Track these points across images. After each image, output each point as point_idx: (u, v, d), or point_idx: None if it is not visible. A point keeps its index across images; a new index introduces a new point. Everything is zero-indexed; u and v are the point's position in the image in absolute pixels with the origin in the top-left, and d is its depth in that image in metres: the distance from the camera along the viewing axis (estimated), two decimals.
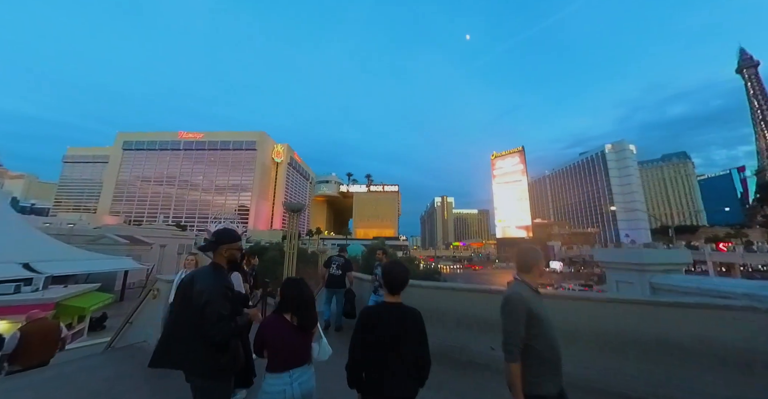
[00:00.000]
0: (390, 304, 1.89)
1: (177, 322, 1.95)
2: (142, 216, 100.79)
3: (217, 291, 1.87)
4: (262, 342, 1.94)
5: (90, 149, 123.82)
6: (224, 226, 2.38)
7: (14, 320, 10.64)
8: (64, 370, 3.90)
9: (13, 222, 19.55)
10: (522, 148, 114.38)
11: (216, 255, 2.05)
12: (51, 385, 3.41)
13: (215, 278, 1.96)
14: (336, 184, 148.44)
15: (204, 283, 1.89)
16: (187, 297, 1.90)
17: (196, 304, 1.82)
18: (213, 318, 1.78)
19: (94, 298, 13.72)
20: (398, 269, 1.93)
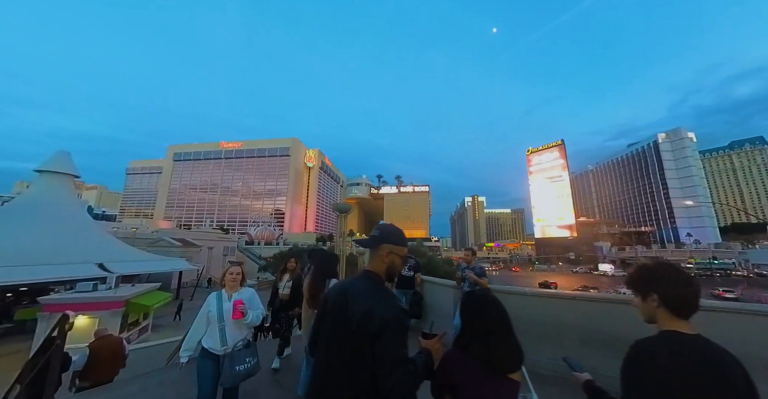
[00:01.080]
0: (691, 338, 1.02)
1: (330, 356, 1.29)
2: (191, 220, 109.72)
3: (392, 318, 1.21)
4: (450, 386, 1.26)
5: (147, 161, 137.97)
6: (262, 229, 2.13)
7: (93, 316, 11.71)
8: (149, 382, 3.81)
9: (90, 227, 22.05)
10: (561, 142, 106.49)
11: (374, 257, 1.42)
12: None
13: (384, 297, 1.30)
14: (367, 186, 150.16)
15: (369, 304, 1.24)
16: (339, 320, 1.28)
17: (356, 334, 1.20)
18: (390, 361, 1.16)
19: (157, 296, 14.83)
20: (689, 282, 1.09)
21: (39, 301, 11.79)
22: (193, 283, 28.54)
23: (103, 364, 4.24)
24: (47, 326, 11.23)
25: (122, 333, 12.49)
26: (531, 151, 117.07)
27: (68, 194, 22.12)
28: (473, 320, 1.34)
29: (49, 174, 20.78)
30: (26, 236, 17.03)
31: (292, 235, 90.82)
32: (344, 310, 1.27)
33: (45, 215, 19.00)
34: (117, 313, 12.07)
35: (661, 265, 1.17)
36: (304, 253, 24.98)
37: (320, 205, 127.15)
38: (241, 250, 46.62)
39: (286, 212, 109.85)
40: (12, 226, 17.46)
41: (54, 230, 18.39)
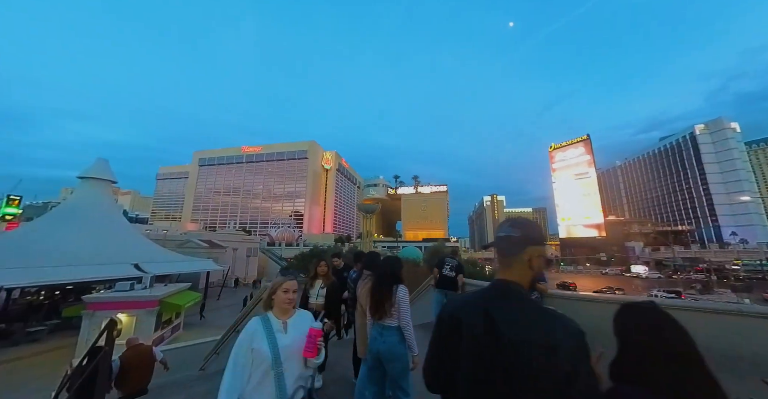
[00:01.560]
0: None
1: None
2: (216, 223, 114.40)
3: (583, 348, 0.88)
4: None
5: (175, 167, 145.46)
6: (283, 230, 1.83)
7: (131, 314, 12.28)
8: (194, 390, 3.81)
9: (126, 229, 23.39)
10: (587, 137, 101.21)
11: (513, 263, 1.05)
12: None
13: (558, 320, 0.92)
14: (384, 187, 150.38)
15: (542, 333, 0.88)
16: (488, 354, 0.92)
17: (534, 374, 0.84)
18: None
19: (187, 296, 15.42)
20: None
21: (83, 299, 12.52)
22: (220, 283, 29.54)
23: (135, 374, 4.19)
24: (90, 323, 11.92)
25: (157, 331, 13.05)
26: (554, 147, 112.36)
27: (107, 199, 23.57)
28: (649, 342, 0.95)
29: (90, 180, 22.25)
30: (70, 238, 18.29)
31: (311, 236, 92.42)
32: (493, 341, 0.90)
33: (87, 219, 20.35)
34: (152, 311, 12.61)
35: None
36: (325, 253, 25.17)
37: (338, 207, 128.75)
38: (264, 251, 47.90)
39: (304, 214, 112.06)
40: (58, 230, 18.82)
41: (95, 232, 19.65)
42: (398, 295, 2.46)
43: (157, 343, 13.01)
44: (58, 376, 10.44)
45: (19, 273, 13.95)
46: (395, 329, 2.42)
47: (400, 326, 2.44)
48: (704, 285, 40.16)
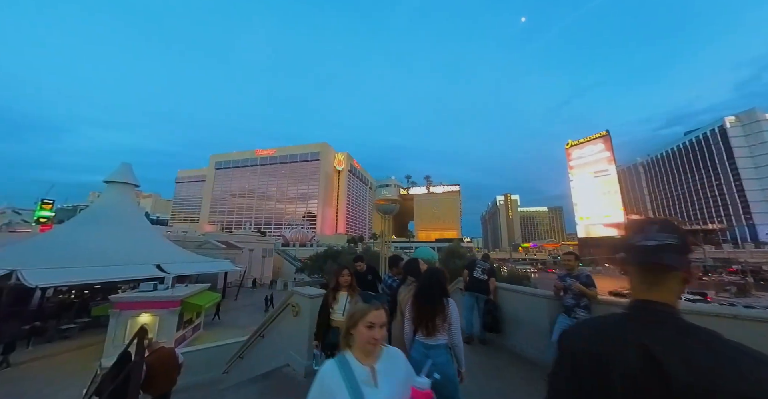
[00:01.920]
0: None
1: None
2: (232, 224, 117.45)
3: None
4: None
5: (193, 171, 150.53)
6: (296, 231, 1.66)
7: (154, 314, 12.65)
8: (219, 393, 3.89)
9: (149, 231, 24.26)
10: (606, 133, 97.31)
11: (668, 281, 0.80)
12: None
13: (752, 359, 0.63)
14: (396, 187, 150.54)
15: (731, 375, 0.60)
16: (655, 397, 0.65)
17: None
18: None
19: (208, 296, 15.79)
20: None
21: (110, 299, 13.00)
22: (237, 284, 30.17)
23: (160, 377, 4.21)
24: (117, 322, 12.36)
25: (179, 330, 13.38)
26: (571, 144, 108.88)
27: (131, 202, 24.53)
28: None
29: (115, 184, 23.22)
30: (97, 240, 19.11)
31: (324, 237, 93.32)
32: (662, 387, 0.65)
33: (112, 221, 21.23)
34: (174, 311, 12.94)
35: None
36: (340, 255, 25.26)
37: (350, 207, 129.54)
38: (279, 252, 48.68)
39: (317, 215, 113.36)
40: (87, 232, 19.71)
41: (119, 234, 20.48)
42: (450, 309, 2.22)
43: (179, 343, 13.37)
44: (87, 374, 10.85)
45: (52, 273, 14.68)
46: (443, 347, 2.17)
47: (451, 344, 2.21)
48: (740, 287, 37.74)
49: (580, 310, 3.34)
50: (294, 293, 4.03)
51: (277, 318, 4.47)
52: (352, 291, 3.12)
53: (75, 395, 8.86)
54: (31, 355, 12.65)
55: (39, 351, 13.20)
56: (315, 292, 3.69)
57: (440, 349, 2.14)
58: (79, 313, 17.19)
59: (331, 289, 3.21)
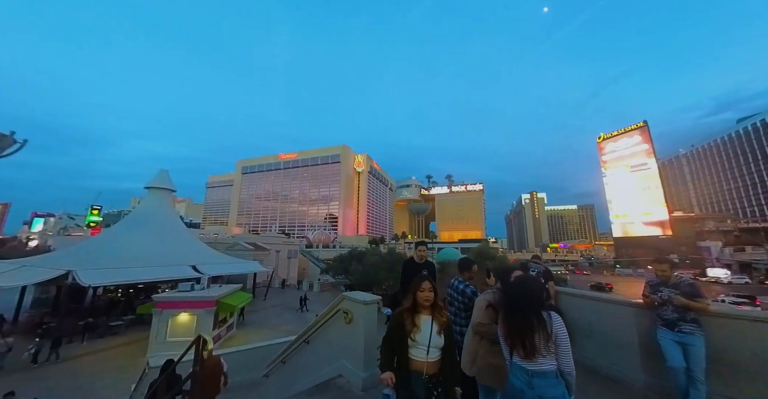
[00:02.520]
0: None
1: None
2: (258, 226, 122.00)
3: None
4: None
5: (222, 176, 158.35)
6: (319, 232, 1.41)
7: (192, 313, 13.14)
8: None
9: (184, 233, 25.55)
10: (644, 124, 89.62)
11: None
12: None
13: None
14: (417, 188, 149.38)
15: None
16: None
17: None
18: None
19: (240, 296, 16.25)
20: None
21: (153, 298, 13.68)
22: (265, 284, 31.02)
23: (206, 386, 4.13)
24: (159, 321, 12.99)
25: (214, 329, 13.81)
26: (603, 137, 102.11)
27: (168, 206, 25.97)
28: None
29: (154, 190, 24.70)
30: (140, 242, 20.36)
31: (346, 238, 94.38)
32: None
33: (152, 224, 22.57)
34: (210, 311, 13.38)
35: None
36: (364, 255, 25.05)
37: (371, 209, 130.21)
38: (303, 253, 49.68)
39: (339, 216, 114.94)
40: (130, 235, 21.08)
41: (159, 237, 21.72)
42: (554, 325, 1.79)
43: (215, 342, 13.80)
44: (134, 369, 11.44)
45: (102, 273, 15.78)
46: (553, 375, 1.72)
47: (561, 370, 1.74)
48: None
49: (687, 324, 2.77)
50: (345, 298, 3.77)
51: (324, 324, 4.20)
52: (438, 314, 2.15)
53: (124, 390, 9.32)
54: (84, 350, 13.59)
55: (91, 346, 14.17)
56: (369, 298, 3.45)
57: (548, 377, 1.70)
58: (126, 311, 18.37)
59: (404, 310, 2.19)
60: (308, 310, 21.67)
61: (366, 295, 3.62)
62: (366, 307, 3.36)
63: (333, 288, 35.98)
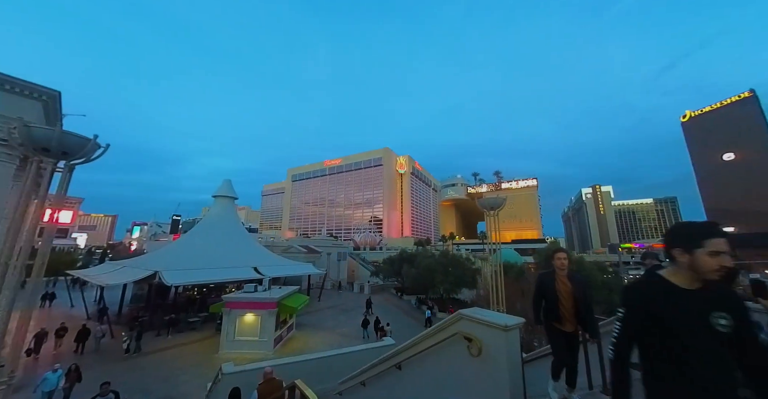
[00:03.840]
0: None
1: None
2: (308, 230, 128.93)
3: None
4: None
5: (274, 184, 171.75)
6: (365, 235, 0.76)
7: (256, 314, 13.63)
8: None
9: (246, 238, 27.54)
10: (751, 93, 72.52)
11: None
12: None
13: None
14: (462, 186, 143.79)
15: None
16: None
17: None
18: None
19: (299, 299, 16.61)
20: None
21: (222, 298, 14.59)
22: (318, 286, 31.92)
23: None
24: (228, 319, 13.75)
25: (276, 331, 14.16)
26: (689, 116, 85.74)
27: (233, 212, 28.28)
28: None
29: (220, 198, 27.12)
30: (210, 246, 22.33)
31: (391, 240, 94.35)
32: None
33: (219, 230, 24.72)
34: (273, 312, 13.77)
35: None
36: (416, 257, 24.04)
37: (415, 210, 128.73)
38: (352, 256, 50.54)
39: (383, 218, 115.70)
40: (201, 239, 23.28)
41: (225, 240, 23.64)
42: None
43: (277, 342, 14.17)
44: (209, 366, 12.13)
45: (181, 274, 17.48)
46: None
47: None
48: None
49: None
50: (463, 318, 2.68)
51: (428, 349, 3.07)
52: None
53: (200, 386, 9.81)
54: (169, 343, 15.02)
55: (174, 339, 15.65)
56: (510, 320, 2.41)
57: None
58: (201, 308, 20.17)
59: None
60: (373, 313, 21.46)
61: (501, 316, 2.59)
62: (507, 334, 2.35)
63: (383, 290, 35.65)
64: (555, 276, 3.14)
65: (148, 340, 14.82)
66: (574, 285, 3.05)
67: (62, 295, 24.67)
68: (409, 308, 26.88)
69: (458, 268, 23.38)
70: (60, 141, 4.13)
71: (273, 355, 13.24)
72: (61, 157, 4.29)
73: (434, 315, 23.76)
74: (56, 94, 10.00)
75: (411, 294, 31.09)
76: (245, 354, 13.12)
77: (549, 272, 3.24)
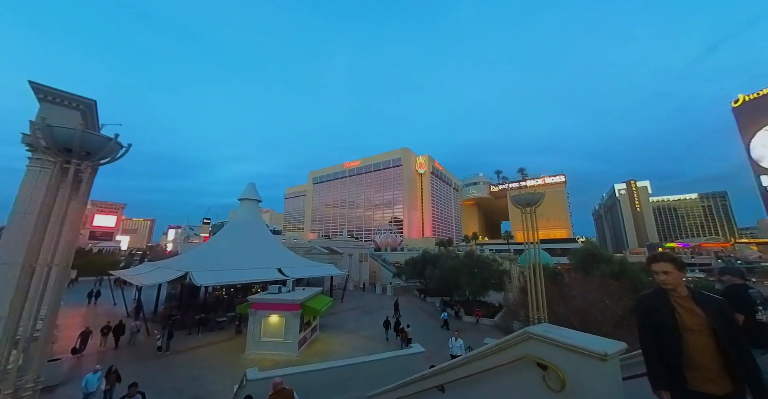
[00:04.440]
0: None
1: None
2: (329, 232, 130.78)
3: None
4: None
5: (296, 187, 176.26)
6: (386, 236, 0.58)
7: (281, 315, 13.63)
8: None
9: (271, 239, 28.11)
10: None
11: None
12: None
13: None
14: (485, 185, 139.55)
15: None
16: None
17: None
18: None
19: (322, 301, 16.52)
20: None
21: (248, 299, 14.76)
22: (341, 287, 31.93)
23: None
24: (254, 320, 13.86)
25: (301, 332, 14.08)
26: (742, 100, 77.69)
27: (257, 215, 29.02)
28: None
29: (245, 201, 27.90)
30: (236, 247, 22.93)
31: (412, 241, 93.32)
32: None
33: (245, 232, 25.39)
34: (297, 314, 13.72)
35: None
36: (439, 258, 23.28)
37: (435, 210, 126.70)
38: (373, 257, 50.35)
39: (404, 219, 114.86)
40: (228, 241, 23.99)
41: (250, 242, 24.21)
42: None
43: (301, 344, 14.10)
44: (236, 366, 12.23)
45: (209, 275, 18.00)
46: None
47: None
48: None
49: None
50: (531, 337, 2.05)
51: (482, 373, 2.45)
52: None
53: (227, 387, 9.84)
54: (197, 342, 15.43)
55: (203, 338, 16.09)
56: (610, 346, 1.79)
57: None
58: (228, 308, 20.70)
59: None
60: (401, 316, 21.03)
61: (593, 339, 1.92)
62: (605, 365, 1.73)
63: (406, 292, 35.05)
64: (668, 299, 2.02)
65: (180, 338, 15.33)
66: (708, 312, 1.91)
67: (107, 293, 26.46)
68: (433, 310, 26.12)
69: (484, 270, 22.33)
70: (81, 141, 4.06)
71: (297, 357, 13.18)
72: (84, 157, 4.22)
73: (459, 318, 22.87)
74: (92, 102, 10.52)
75: (435, 296, 30.26)
76: (270, 355, 13.14)
77: (655, 293, 2.13)
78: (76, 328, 17.81)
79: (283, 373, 6.03)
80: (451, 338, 12.33)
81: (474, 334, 19.68)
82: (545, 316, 6.50)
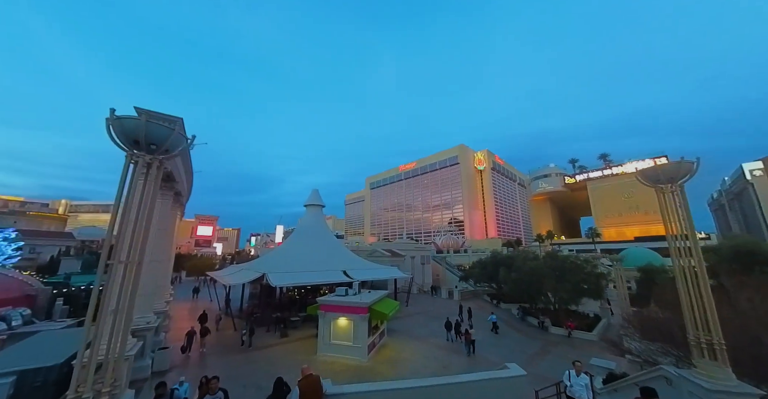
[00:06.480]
0: None
1: None
2: (388, 235, 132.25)
3: None
4: None
5: (355, 193, 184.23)
6: (447, 237, 0.59)
7: (349, 318, 13.30)
8: None
9: (335, 243, 28.98)
10: None
11: None
12: None
13: None
14: (558, 177, 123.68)
15: None
16: None
17: None
18: None
19: (390, 304, 15.88)
20: None
21: (317, 300, 14.94)
22: (405, 290, 31.05)
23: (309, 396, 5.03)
24: (323, 322, 13.86)
25: (369, 337, 13.53)
26: None
27: (322, 219, 30.32)
28: None
29: (310, 207, 29.45)
30: (304, 251, 24.10)
31: (475, 242, 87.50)
32: None
33: (312, 236, 26.63)
34: (364, 318, 13.25)
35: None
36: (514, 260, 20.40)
37: (499, 208, 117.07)
38: (436, 260, 48.37)
39: (464, 220, 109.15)
40: (297, 245, 25.41)
41: (317, 246, 25.22)
42: None
43: (370, 349, 13.53)
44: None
45: (282, 276, 19.06)
46: None
47: None
48: None
49: None
50: None
51: None
52: None
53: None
54: (276, 340, 16.22)
55: (279, 337, 16.89)
56: None
57: None
58: (300, 308, 21.67)
59: None
60: (471, 323, 19.30)
61: None
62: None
63: (475, 297, 32.32)
64: None
65: (259, 335, 16.36)
66: None
67: (205, 290, 30.71)
68: (509, 318, 23.21)
69: (575, 274, 18.69)
70: (147, 132, 3.93)
71: (367, 363, 12.61)
72: (149, 150, 4.09)
73: (545, 329, 19.63)
74: (179, 119, 11.85)
75: (510, 302, 27.01)
76: (341, 358, 12.87)
77: None
78: (183, 320, 20.74)
79: (357, 389, 5.35)
80: (569, 371, 7.64)
81: (568, 349, 16.54)
82: (719, 338, 4.40)
